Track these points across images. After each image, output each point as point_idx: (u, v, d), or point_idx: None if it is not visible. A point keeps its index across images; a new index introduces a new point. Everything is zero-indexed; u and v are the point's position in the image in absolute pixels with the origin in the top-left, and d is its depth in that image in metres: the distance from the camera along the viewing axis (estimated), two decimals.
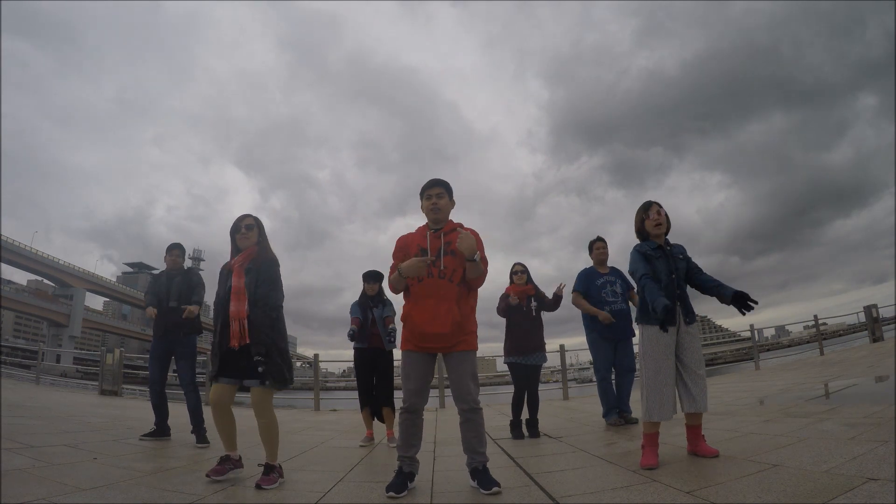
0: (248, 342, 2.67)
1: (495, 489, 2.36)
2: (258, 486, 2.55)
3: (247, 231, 2.84)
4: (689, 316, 2.80)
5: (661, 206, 2.96)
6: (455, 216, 2.76)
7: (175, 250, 4.59)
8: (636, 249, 2.93)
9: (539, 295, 4.52)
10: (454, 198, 2.75)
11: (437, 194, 2.67)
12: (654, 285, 2.73)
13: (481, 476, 2.43)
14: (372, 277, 4.58)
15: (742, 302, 2.66)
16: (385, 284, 4.55)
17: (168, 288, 4.40)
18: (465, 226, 2.69)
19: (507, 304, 4.44)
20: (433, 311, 2.49)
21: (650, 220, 2.92)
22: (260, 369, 2.63)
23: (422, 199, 2.71)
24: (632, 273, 2.94)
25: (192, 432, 4.18)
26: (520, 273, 4.55)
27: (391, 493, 2.38)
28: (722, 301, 2.76)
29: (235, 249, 2.87)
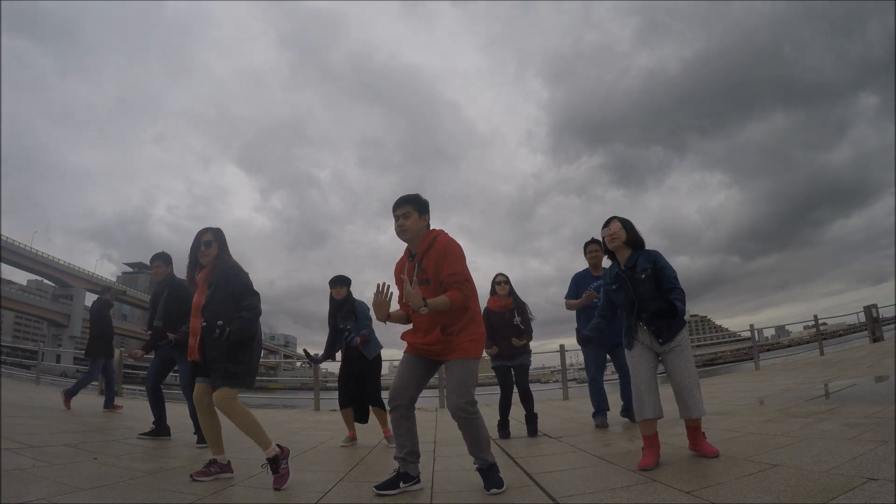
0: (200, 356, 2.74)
1: (493, 490, 2.38)
2: (275, 489, 2.56)
3: (206, 248, 2.83)
4: (662, 336, 2.78)
5: (620, 221, 2.90)
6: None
7: (155, 262, 4.38)
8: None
9: (520, 309, 4.49)
10: (428, 211, 2.63)
11: (402, 214, 2.57)
12: (595, 323, 3.03)
13: (485, 476, 2.45)
14: (336, 282, 4.42)
15: (660, 315, 2.68)
16: (352, 288, 4.50)
17: (154, 307, 4.25)
18: (443, 232, 2.61)
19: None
20: (419, 328, 2.58)
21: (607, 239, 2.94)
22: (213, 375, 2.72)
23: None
24: None
25: (194, 433, 4.17)
26: (502, 284, 4.55)
27: (377, 491, 2.42)
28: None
29: (197, 265, 2.87)
